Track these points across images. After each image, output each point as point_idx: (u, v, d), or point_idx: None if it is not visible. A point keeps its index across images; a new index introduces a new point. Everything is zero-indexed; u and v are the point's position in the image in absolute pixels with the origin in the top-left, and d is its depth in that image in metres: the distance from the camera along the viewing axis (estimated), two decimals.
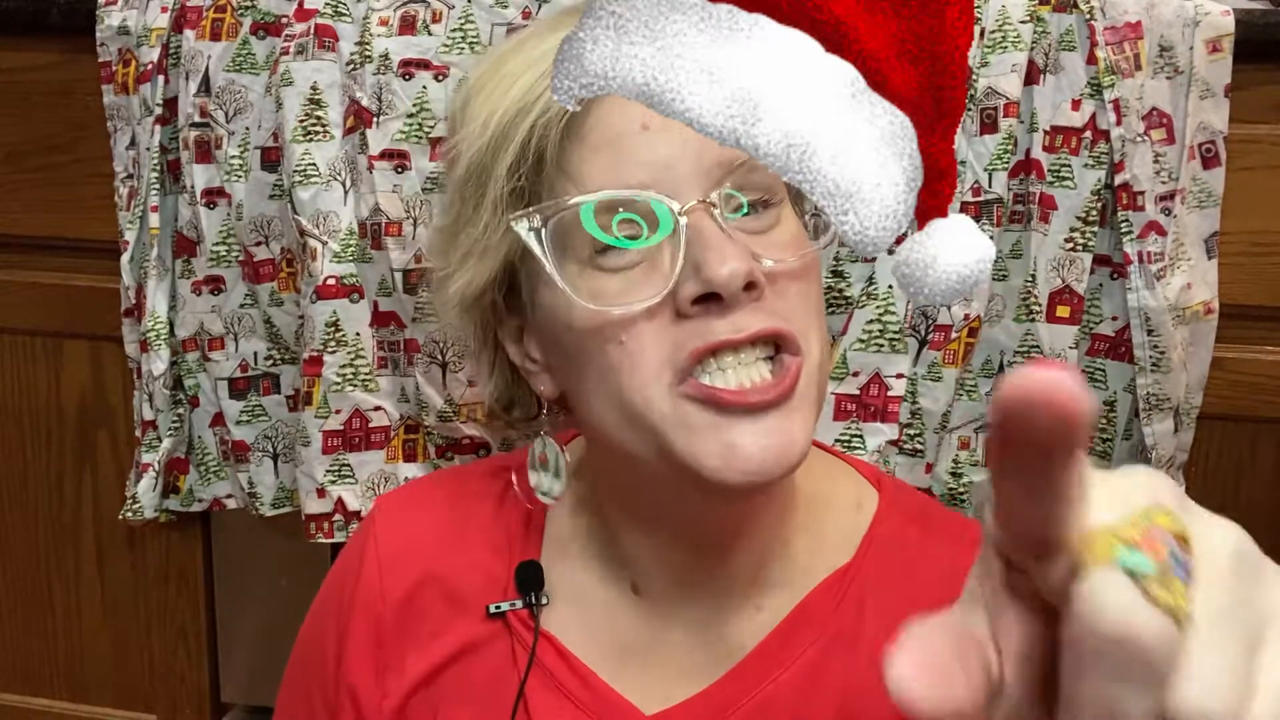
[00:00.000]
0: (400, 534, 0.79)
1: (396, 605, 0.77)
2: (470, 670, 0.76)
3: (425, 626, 0.77)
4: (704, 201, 0.63)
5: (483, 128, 0.67)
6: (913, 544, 0.76)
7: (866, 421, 1.00)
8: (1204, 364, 1.03)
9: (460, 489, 0.82)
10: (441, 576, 0.77)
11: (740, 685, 0.73)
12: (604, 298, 0.64)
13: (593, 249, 0.65)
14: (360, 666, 0.78)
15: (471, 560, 0.77)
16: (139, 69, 1.08)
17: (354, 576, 0.79)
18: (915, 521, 0.78)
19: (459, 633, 0.76)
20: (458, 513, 0.80)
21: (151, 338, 1.10)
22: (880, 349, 0.98)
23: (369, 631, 0.78)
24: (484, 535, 0.78)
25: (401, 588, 0.77)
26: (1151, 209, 0.98)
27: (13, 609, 1.31)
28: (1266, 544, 0.55)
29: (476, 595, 0.76)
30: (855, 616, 0.74)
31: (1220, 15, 0.96)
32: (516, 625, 0.75)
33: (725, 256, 0.61)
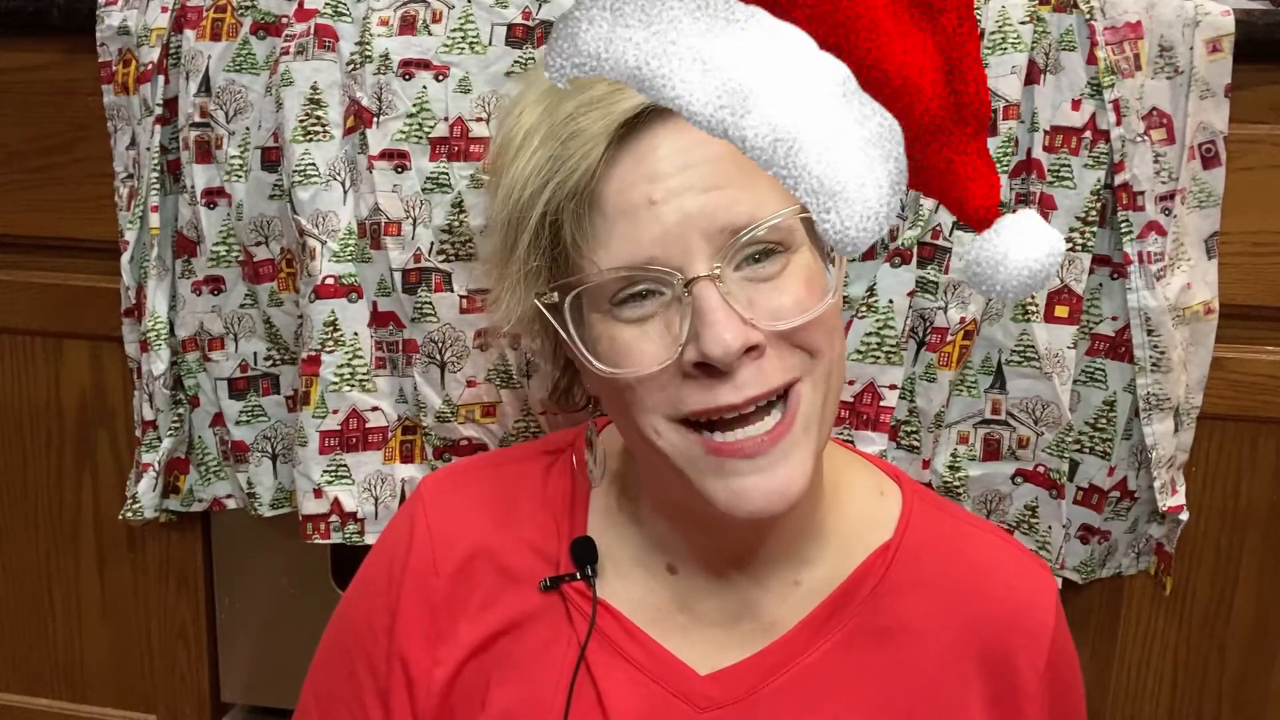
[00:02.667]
0: (449, 509, 0.82)
1: (449, 577, 0.80)
2: (523, 640, 0.79)
3: (477, 598, 0.80)
4: (709, 275, 0.66)
5: (504, 202, 0.71)
6: (946, 527, 0.81)
7: (859, 429, 1.01)
8: (1204, 364, 1.03)
9: (504, 470, 0.85)
10: (492, 551, 0.81)
11: (787, 653, 0.77)
12: (619, 347, 0.69)
13: (611, 301, 0.69)
14: (412, 637, 0.80)
15: (520, 536, 0.81)
16: (139, 69, 1.08)
17: (404, 550, 0.81)
18: (941, 507, 0.84)
19: (511, 604, 0.80)
20: (504, 491, 0.83)
21: (151, 338, 1.10)
22: (877, 360, 0.99)
23: (422, 602, 0.80)
24: (531, 513, 0.82)
25: (453, 560, 0.80)
26: (1151, 209, 0.98)
27: (13, 609, 1.31)
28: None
29: (527, 570, 0.80)
30: (900, 593, 0.78)
31: (1220, 15, 0.96)
32: (572, 595, 0.79)
33: (720, 331, 0.65)
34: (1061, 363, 1.00)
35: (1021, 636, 0.78)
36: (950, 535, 0.81)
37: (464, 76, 0.99)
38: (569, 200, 0.67)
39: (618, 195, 0.67)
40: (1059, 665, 0.80)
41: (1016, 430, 1.03)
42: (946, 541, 0.81)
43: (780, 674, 0.77)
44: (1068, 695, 0.82)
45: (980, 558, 0.80)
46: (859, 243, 0.51)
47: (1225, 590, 1.11)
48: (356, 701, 0.83)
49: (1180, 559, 1.09)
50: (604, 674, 0.77)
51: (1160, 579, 1.07)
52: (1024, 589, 0.79)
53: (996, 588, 0.79)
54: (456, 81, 0.99)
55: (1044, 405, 1.01)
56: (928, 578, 0.79)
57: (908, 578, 0.78)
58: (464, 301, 1.02)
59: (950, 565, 0.79)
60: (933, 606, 0.78)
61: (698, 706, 0.77)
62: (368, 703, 0.82)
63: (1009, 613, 0.78)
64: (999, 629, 0.78)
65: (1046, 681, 0.78)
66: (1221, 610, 1.11)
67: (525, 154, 0.70)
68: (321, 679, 0.87)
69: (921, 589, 0.78)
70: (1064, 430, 1.02)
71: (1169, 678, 1.14)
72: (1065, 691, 0.81)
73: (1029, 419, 1.02)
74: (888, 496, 0.82)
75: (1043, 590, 0.80)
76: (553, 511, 0.82)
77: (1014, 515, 1.05)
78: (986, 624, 0.78)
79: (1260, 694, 1.13)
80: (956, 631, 0.78)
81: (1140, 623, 1.12)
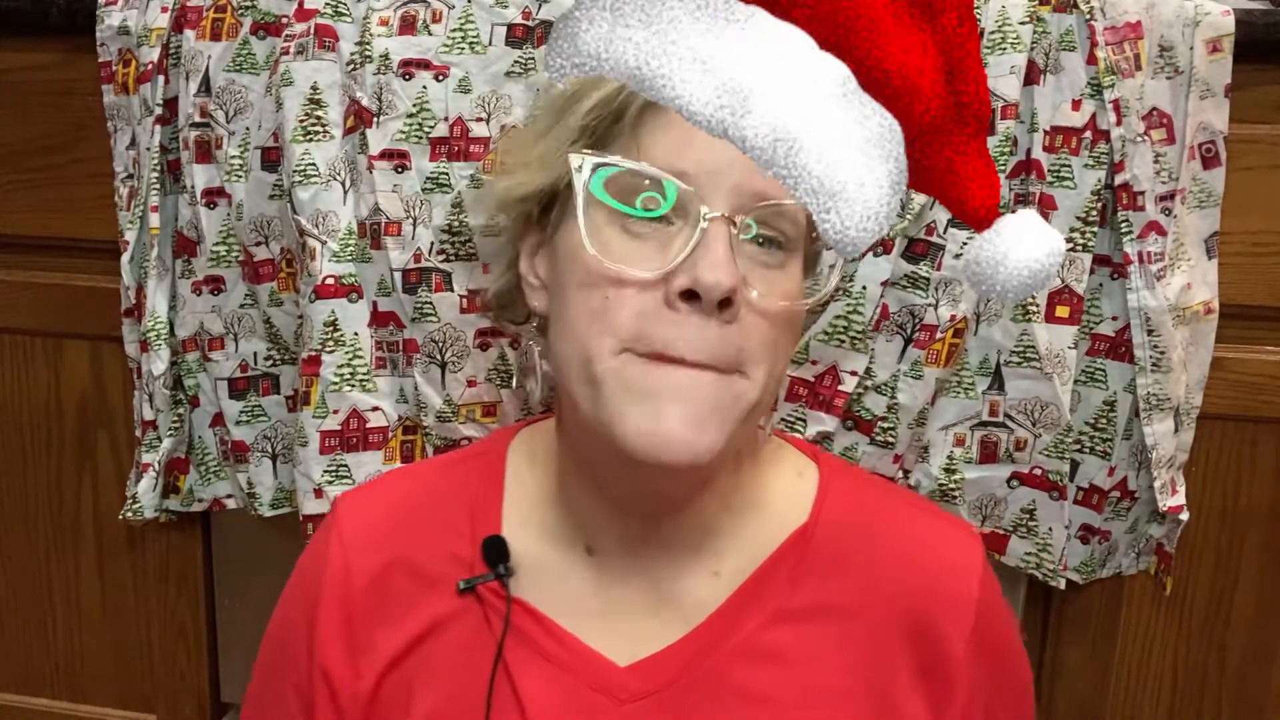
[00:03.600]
0: (363, 521, 0.83)
1: (364, 589, 0.81)
2: (443, 644, 0.79)
3: (394, 607, 0.80)
4: (728, 217, 0.68)
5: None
6: (864, 502, 0.81)
7: (813, 409, 1.01)
8: (1204, 364, 1.04)
9: (418, 480, 0.86)
10: (407, 558, 0.81)
11: (705, 640, 0.77)
12: (611, 252, 0.69)
13: (625, 202, 0.70)
14: (332, 650, 0.80)
15: (435, 540, 0.81)
16: (139, 69, 1.08)
17: (319, 565, 0.82)
18: (859, 482, 0.84)
19: (429, 610, 0.80)
20: (417, 498, 0.84)
21: (151, 338, 1.10)
22: (842, 344, 0.99)
23: (339, 616, 0.81)
24: (445, 517, 0.82)
25: (368, 571, 0.81)
26: (1151, 209, 0.98)
27: (13, 609, 1.31)
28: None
29: (443, 574, 0.80)
30: (820, 572, 0.78)
31: (1220, 15, 0.96)
32: (487, 596, 0.79)
33: (720, 266, 0.67)
34: (1062, 363, 1.00)
35: (945, 604, 0.77)
36: (870, 510, 0.81)
37: (464, 76, 0.99)
38: None
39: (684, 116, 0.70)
40: (988, 632, 0.78)
41: (1014, 432, 1.03)
42: (866, 516, 0.81)
43: (700, 662, 0.77)
44: (1003, 664, 0.81)
45: (901, 529, 0.80)
46: (859, 243, 0.51)
47: (1225, 590, 1.11)
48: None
49: (1180, 559, 1.09)
50: (522, 672, 0.77)
51: (1160, 579, 1.07)
52: (946, 556, 0.79)
53: (918, 557, 0.79)
54: (456, 81, 0.99)
55: (1043, 406, 1.01)
56: (848, 554, 0.78)
57: (828, 556, 0.78)
58: (464, 301, 1.02)
59: (871, 540, 0.79)
60: (855, 582, 0.78)
61: (618, 699, 0.77)
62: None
63: (931, 581, 0.78)
64: (922, 598, 0.77)
65: (974, 648, 0.77)
66: (1221, 610, 1.11)
67: None
68: (254, 693, 0.88)
69: (842, 566, 0.78)
70: (1063, 431, 1.02)
71: (1169, 678, 1.14)
72: (1000, 660, 0.80)
73: (1027, 421, 1.02)
74: (805, 477, 0.82)
75: (966, 556, 0.79)
76: (467, 514, 0.82)
77: (1010, 519, 1.05)
78: (909, 594, 0.77)
79: (1260, 694, 1.13)
80: (881, 605, 0.77)
81: (1140, 623, 1.12)
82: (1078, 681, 1.14)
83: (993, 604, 0.80)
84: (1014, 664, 0.83)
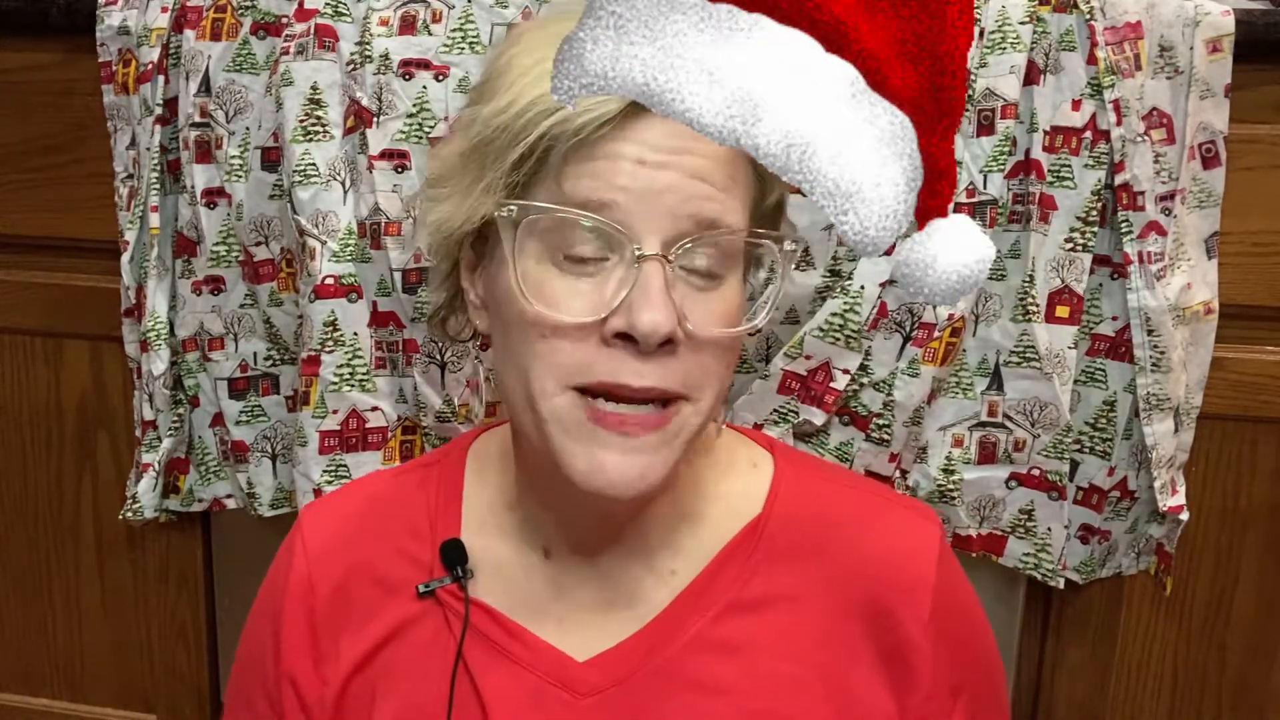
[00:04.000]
0: (324, 530, 0.84)
1: (327, 597, 0.81)
2: (405, 648, 0.80)
3: (356, 613, 0.81)
4: (661, 255, 0.67)
5: (503, 109, 0.70)
6: (818, 491, 0.81)
7: (804, 403, 1.01)
8: (1204, 364, 1.03)
9: (378, 487, 0.87)
10: (368, 565, 0.82)
11: (660, 633, 0.78)
12: (545, 295, 0.69)
13: (557, 246, 0.69)
14: (298, 658, 0.81)
15: (395, 546, 0.82)
16: (139, 69, 1.08)
17: (284, 575, 0.83)
18: (815, 472, 0.84)
19: (391, 615, 0.81)
20: (378, 505, 0.85)
21: (151, 338, 1.10)
22: (836, 341, 0.99)
23: (303, 624, 0.82)
24: (405, 522, 0.83)
25: (331, 579, 0.82)
26: (1151, 209, 0.98)
27: (13, 609, 1.31)
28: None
29: (403, 578, 0.81)
30: (774, 562, 0.78)
31: (1220, 15, 0.96)
32: (446, 599, 0.80)
33: (656, 309, 0.66)
34: (1062, 363, 1.00)
35: (900, 589, 0.77)
36: (823, 498, 0.81)
37: (464, 76, 0.99)
38: (572, 135, 0.67)
39: (612, 145, 0.68)
40: (947, 615, 0.78)
41: (1013, 433, 1.03)
42: (820, 505, 0.80)
43: (657, 655, 0.77)
44: (964, 647, 0.80)
45: (854, 515, 0.80)
46: (879, 242, 0.51)
47: (1225, 590, 1.11)
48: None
49: (1180, 559, 1.09)
50: (483, 672, 0.78)
51: (1160, 579, 1.07)
52: (900, 540, 0.78)
53: (871, 543, 0.78)
54: (456, 81, 0.99)
55: (1043, 406, 1.01)
56: (802, 543, 0.78)
57: (782, 546, 0.78)
58: None
59: (824, 528, 0.79)
60: (810, 571, 0.78)
61: (578, 693, 0.77)
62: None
63: (885, 566, 0.77)
64: (876, 583, 0.77)
65: (933, 633, 0.76)
66: (1221, 610, 1.11)
67: (538, 77, 0.69)
68: (230, 703, 0.89)
69: (796, 555, 0.78)
70: (1062, 432, 1.02)
71: (1169, 678, 1.14)
72: (960, 643, 0.80)
73: (1026, 421, 1.02)
74: (760, 469, 0.82)
75: (921, 539, 0.79)
76: (427, 518, 0.83)
77: (1009, 520, 1.05)
78: (864, 579, 0.77)
79: (1260, 694, 1.13)
80: (835, 592, 0.77)
81: (1140, 623, 1.12)
82: (1078, 681, 1.14)
83: (951, 586, 0.79)
84: (978, 644, 0.83)
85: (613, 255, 0.69)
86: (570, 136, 0.67)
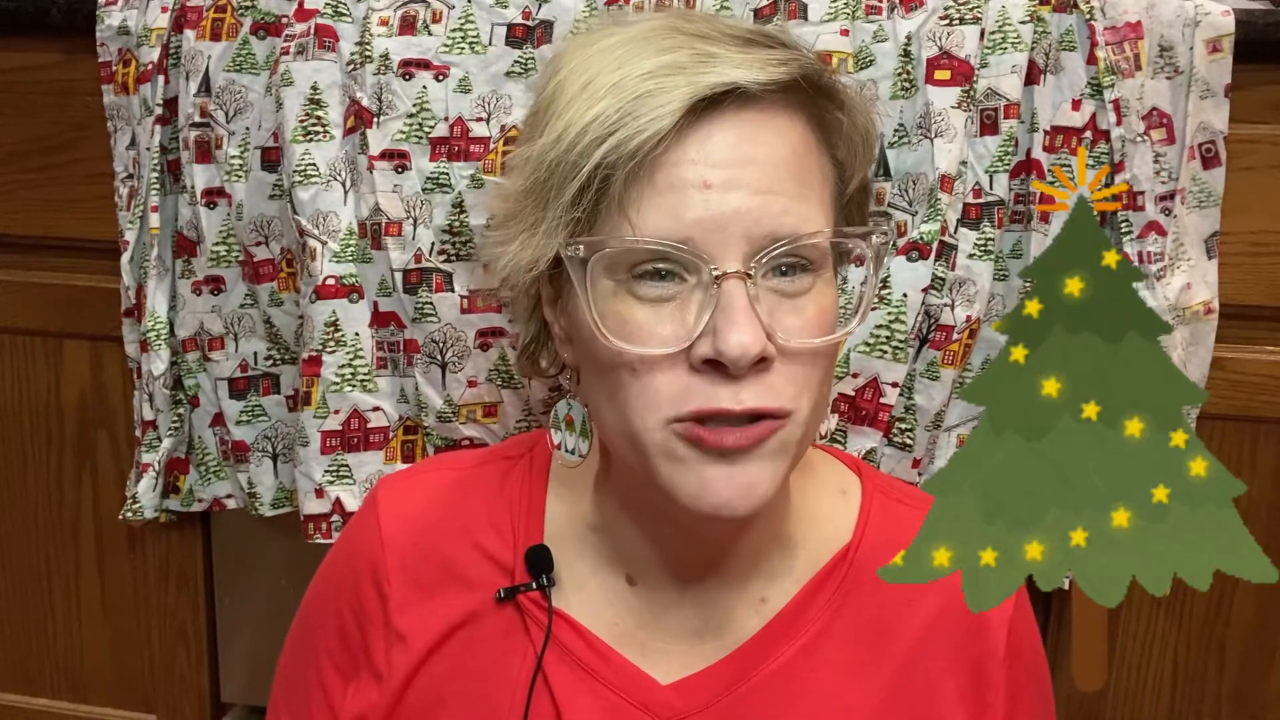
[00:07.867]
0: (404, 512, 0.82)
1: (403, 583, 0.80)
2: (478, 651, 0.78)
3: (429, 603, 0.79)
4: (741, 272, 0.65)
5: (555, 142, 0.68)
6: (904, 519, 0.80)
7: (855, 424, 1.00)
8: (1204, 364, 1.03)
9: (461, 474, 0.84)
10: (446, 556, 0.80)
11: (748, 661, 0.76)
12: (626, 328, 0.66)
13: (632, 273, 0.67)
14: (373, 637, 0.80)
15: (475, 542, 0.80)
16: (139, 69, 1.08)
17: (364, 550, 0.81)
18: (900, 500, 0.82)
19: (463, 605, 0.79)
20: (459, 496, 0.82)
21: (151, 338, 1.10)
22: (883, 355, 0.98)
23: (377, 604, 0.80)
24: (486, 519, 0.81)
25: (408, 564, 0.80)
26: (1151, 209, 0.98)
27: (13, 609, 1.31)
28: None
29: (480, 578, 0.79)
30: (863, 592, 0.77)
31: (1220, 15, 0.96)
32: (528, 605, 0.78)
33: (742, 331, 0.64)
34: None
35: (984, 621, 0.77)
36: (911, 528, 0.81)
37: (464, 76, 0.99)
38: (629, 159, 0.65)
39: (673, 168, 0.65)
40: (1022, 647, 0.79)
41: None
42: (907, 535, 0.80)
43: (741, 682, 0.76)
44: (1033, 678, 0.81)
45: None
46: None
47: (1225, 590, 1.11)
48: (319, 689, 0.83)
49: None
50: (561, 685, 0.76)
51: None
52: None
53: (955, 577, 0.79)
54: (456, 81, 0.99)
55: None
56: None
57: (870, 577, 0.77)
58: (465, 301, 1.02)
59: None
60: (897, 602, 0.78)
61: (659, 717, 0.76)
62: (330, 687, 0.82)
63: None
64: (962, 615, 0.76)
65: (1009, 664, 0.77)
66: (1221, 610, 1.11)
67: (586, 101, 0.67)
68: (288, 676, 0.88)
69: (883, 586, 0.76)
70: None
71: (1169, 678, 1.14)
72: (1030, 674, 0.80)
73: None
74: (849, 495, 0.81)
75: None
76: (509, 518, 0.81)
77: None
78: (949, 611, 0.77)
79: (1260, 694, 1.13)
80: (924, 624, 0.77)
81: (1140, 623, 1.12)
82: None
83: (1025, 619, 0.81)
84: (1041, 676, 0.84)
85: (690, 276, 0.66)
86: (627, 161, 0.65)
